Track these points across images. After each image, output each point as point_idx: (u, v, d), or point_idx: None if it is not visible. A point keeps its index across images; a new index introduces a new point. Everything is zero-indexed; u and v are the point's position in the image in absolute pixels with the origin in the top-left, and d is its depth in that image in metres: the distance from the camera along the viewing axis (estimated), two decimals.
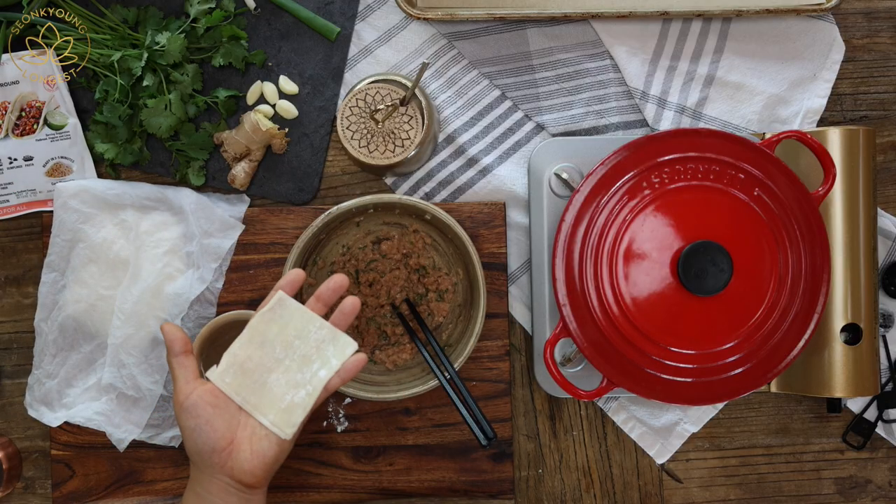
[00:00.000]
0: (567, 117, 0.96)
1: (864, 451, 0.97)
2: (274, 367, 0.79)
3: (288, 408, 0.78)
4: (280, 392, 0.79)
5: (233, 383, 0.79)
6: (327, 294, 0.81)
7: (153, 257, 0.91)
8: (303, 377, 0.79)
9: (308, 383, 0.79)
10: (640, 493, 0.97)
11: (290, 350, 0.80)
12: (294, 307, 0.80)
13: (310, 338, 0.80)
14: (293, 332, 0.80)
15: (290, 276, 0.81)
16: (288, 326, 0.80)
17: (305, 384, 0.79)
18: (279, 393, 0.79)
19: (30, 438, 0.96)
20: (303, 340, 0.80)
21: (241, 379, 0.79)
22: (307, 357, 0.79)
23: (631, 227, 0.85)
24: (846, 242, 0.90)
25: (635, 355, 0.84)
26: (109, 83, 0.92)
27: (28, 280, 0.97)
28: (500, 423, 0.94)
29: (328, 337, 0.80)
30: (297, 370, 0.79)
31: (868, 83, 0.99)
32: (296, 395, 0.79)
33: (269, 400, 0.79)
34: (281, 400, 0.79)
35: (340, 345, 0.80)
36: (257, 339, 0.80)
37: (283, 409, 0.78)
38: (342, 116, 0.91)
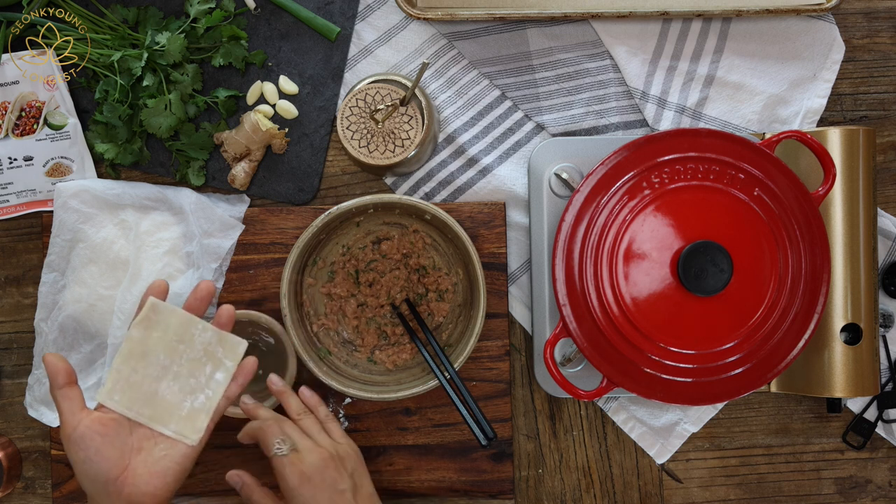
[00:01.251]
0: (567, 117, 0.96)
1: (864, 451, 0.97)
2: (161, 375, 0.77)
3: (189, 414, 0.76)
4: (175, 400, 0.77)
5: (122, 399, 0.76)
6: (195, 304, 0.80)
7: (153, 257, 0.91)
8: (197, 382, 0.77)
9: (206, 387, 0.77)
10: (640, 493, 0.97)
11: (176, 355, 0.77)
12: (170, 311, 0.77)
13: (194, 341, 0.78)
14: (175, 337, 0.77)
15: (154, 285, 0.79)
16: (168, 331, 0.77)
17: (203, 388, 0.77)
18: (175, 401, 0.77)
19: (30, 438, 0.96)
20: (187, 344, 0.77)
21: (130, 393, 0.77)
22: (196, 360, 0.77)
23: (631, 227, 0.85)
24: (846, 242, 0.90)
25: (635, 355, 0.84)
26: (109, 83, 0.93)
27: (28, 280, 0.97)
28: (500, 423, 0.94)
29: (214, 338, 0.79)
30: (189, 375, 0.77)
31: (868, 83, 0.99)
32: (195, 401, 0.77)
33: (165, 409, 0.76)
34: (179, 407, 0.77)
35: (230, 345, 0.79)
36: (138, 350, 0.77)
37: (185, 416, 0.76)
38: (342, 116, 0.91)
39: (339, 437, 0.84)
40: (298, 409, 0.84)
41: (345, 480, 0.79)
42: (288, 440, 0.79)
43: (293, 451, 0.79)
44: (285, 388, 0.86)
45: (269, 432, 0.80)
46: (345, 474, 0.79)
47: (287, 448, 0.79)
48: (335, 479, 0.78)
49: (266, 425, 0.80)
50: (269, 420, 0.81)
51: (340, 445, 0.82)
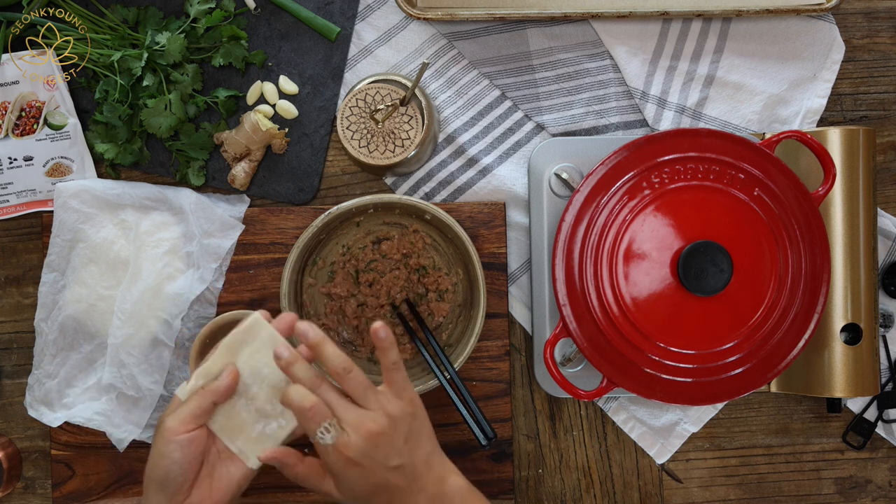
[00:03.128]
0: (567, 117, 0.96)
1: (864, 451, 0.97)
2: (241, 391, 0.76)
3: (259, 438, 0.76)
4: (248, 419, 0.76)
5: None
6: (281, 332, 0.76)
7: (153, 257, 0.91)
8: (273, 409, 0.76)
9: (280, 416, 0.76)
10: (640, 493, 0.97)
11: (258, 378, 0.76)
12: (267, 334, 0.76)
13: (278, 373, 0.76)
14: (263, 360, 0.76)
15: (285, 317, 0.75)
16: (259, 352, 0.76)
17: (277, 416, 0.76)
18: (248, 420, 0.76)
19: (30, 438, 0.96)
20: (272, 370, 0.76)
21: None
22: (276, 388, 0.76)
23: (631, 227, 0.85)
24: (846, 242, 0.90)
25: (635, 355, 0.84)
26: (109, 83, 0.93)
27: (28, 280, 0.97)
28: (500, 423, 0.94)
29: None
30: (266, 401, 0.76)
31: (868, 83, 0.99)
32: (267, 426, 0.76)
33: (236, 425, 0.76)
34: (251, 428, 0.76)
35: None
36: (226, 361, 0.76)
37: (254, 438, 0.76)
38: (342, 116, 0.91)
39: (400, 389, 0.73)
40: (339, 364, 0.72)
41: (397, 453, 0.71)
42: (333, 425, 0.71)
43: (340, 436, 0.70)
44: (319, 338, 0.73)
45: (312, 417, 0.71)
46: (397, 444, 0.71)
47: (331, 436, 0.70)
48: (386, 455, 0.71)
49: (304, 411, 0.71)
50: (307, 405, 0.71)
51: (392, 404, 0.72)
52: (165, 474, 0.73)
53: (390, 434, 0.71)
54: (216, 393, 0.74)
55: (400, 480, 0.72)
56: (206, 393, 0.74)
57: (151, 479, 0.74)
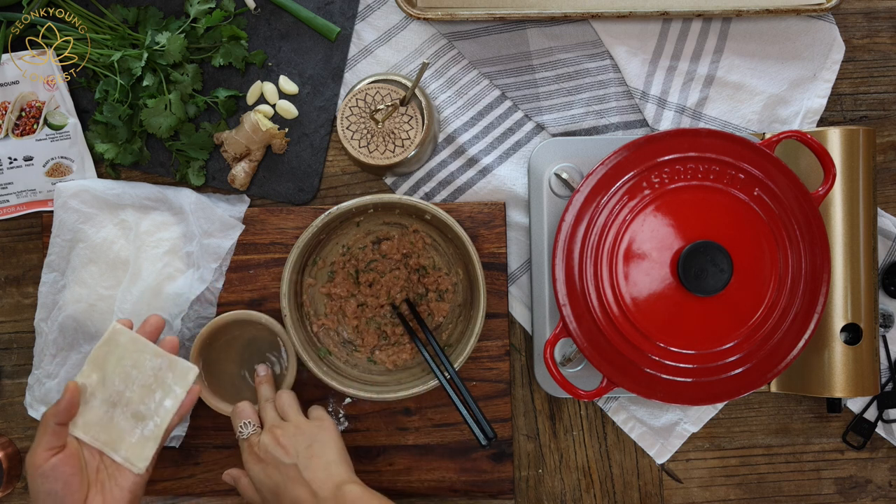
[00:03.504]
0: (567, 117, 0.96)
1: (864, 451, 0.97)
2: (117, 400, 0.78)
3: (139, 441, 0.77)
4: (127, 426, 0.78)
5: (81, 424, 0.78)
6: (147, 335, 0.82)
7: (153, 257, 0.91)
8: (146, 408, 0.78)
9: (154, 414, 0.78)
10: (640, 493, 0.97)
11: (129, 381, 0.78)
12: (127, 337, 0.79)
13: (145, 366, 0.79)
14: (129, 363, 0.78)
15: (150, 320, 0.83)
16: (124, 358, 0.78)
17: (152, 416, 0.77)
18: (127, 427, 0.77)
19: (30, 438, 0.96)
20: (139, 370, 0.78)
21: (88, 417, 0.78)
22: (147, 387, 0.78)
23: (631, 227, 0.85)
24: (846, 242, 0.90)
25: (635, 355, 0.84)
26: (109, 83, 0.93)
27: (28, 280, 0.97)
28: (500, 423, 0.94)
29: (165, 364, 0.80)
30: (139, 402, 0.78)
31: (868, 83, 0.99)
32: (144, 428, 0.77)
33: (117, 435, 0.77)
34: (130, 434, 0.77)
35: (180, 371, 0.80)
36: (97, 374, 0.78)
37: (134, 443, 0.77)
38: (342, 116, 0.91)
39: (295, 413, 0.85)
40: (267, 395, 0.88)
41: (294, 455, 0.80)
42: (252, 423, 0.83)
43: (253, 434, 0.83)
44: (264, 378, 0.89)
45: (237, 415, 0.84)
46: (297, 448, 0.80)
47: (248, 431, 0.83)
48: (282, 454, 0.80)
49: (237, 408, 0.85)
50: (241, 403, 0.86)
51: (304, 421, 0.84)
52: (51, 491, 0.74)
53: (291, 438, 0.81)
54: (58, 414, 0.77)
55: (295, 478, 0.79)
56: (48, 418, 0.77)
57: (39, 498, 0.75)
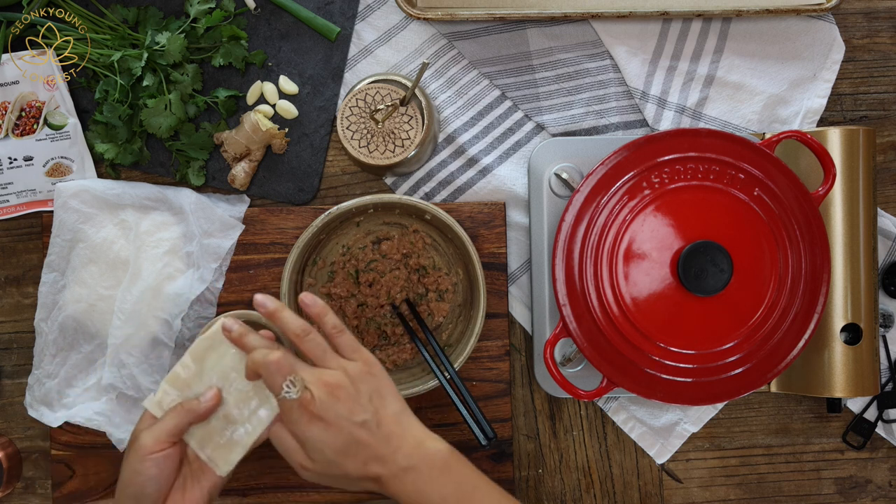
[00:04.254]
0: (567, 117, 0.96)
1: (864, 451, 0.97)
2: None
3: (227, 444, 0.76)
4: (217, 426, 0.76)
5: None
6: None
7: (153, 257, 0.91)
8: (240, 413, 0.76)
9: (247, 421, 0.76)
10: (640, 493, 0.97)
11: (227, 382, 0.76)
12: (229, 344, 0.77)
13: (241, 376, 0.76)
14: (230, 364, 0.76)
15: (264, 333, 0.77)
16: (225, 357, 0.77)
17: (244, 421, 0.76)
18: (217, 427, 0.76)
19: (30, 438, 0.96)
20: (239, 374, 0.76)
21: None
22: (244, 393, 0.76)
23: (631, 227, 0.85)
24: (846, 242, 0.90)
25: (635, 355, 0.84)
26: (109, 83, 0.93)
27: (28, 280, 0.97)
28: (500, 423, 0.94)
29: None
30: (234, 405, 0.76)
31: (868, 83, 0.99)
32: (234, 432, 0.76)
33: (206, 433, 0.76)
34: (220, 435, 0.76)
35: None
36: (196, 367, 0.77)
37: (222, 444, 0.76)
38: (342, 116, 0.91)
39: (351, 351, 0.73)
40: (297, 327, 0.73)
41: (362, 409, 0.70)
42: (298, 380, 0.70)
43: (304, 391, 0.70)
44: (278, 305, 0.74)
45: (276, 370, 0.71)
46: (361, 400, 0.70)
47: (297, 390, 0.70)
48: (351, 410, 0.69)
49: (271, 362, 0.71)
50: (273, 357, 0.71)
51: (352, 364, 0.72)
52: (140, 490, 0.73)
53: (351, 389, 0.70)
54: (195, 414, 0.75)
55: (369, 437, 0.70)
56: (184, 413, 0.75)
57: (125, 494, 0.74)
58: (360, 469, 0.70)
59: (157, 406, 0.76)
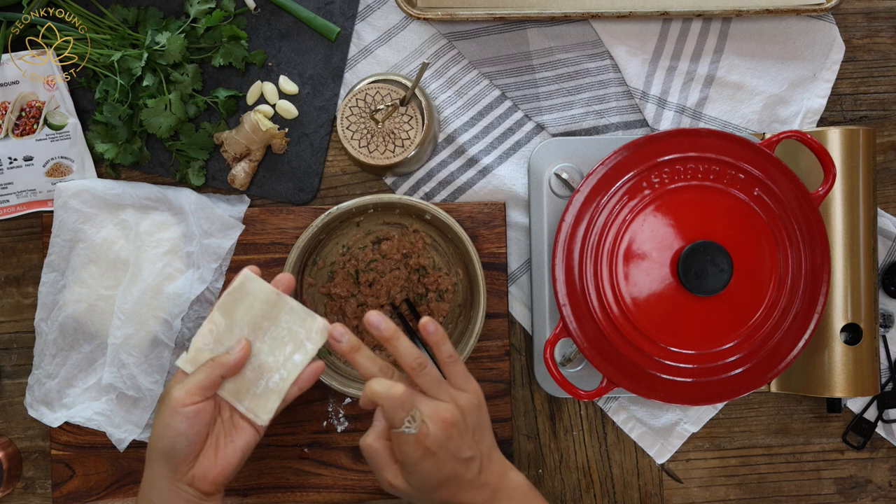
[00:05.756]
0: (567, 117, 0.96)
1: (864, 451, 0.97)
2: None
3: (264, 393, 0.75)
4: (252, 377, 0.76)
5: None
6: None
7: (153, 257, 0.91)
8: (275, 360, 0.75)
9: (282, 367, 0.75)
10: (640, 493, 0.97)
11: (259, 332, 0.76)
12: (260, 286, 0.76)
13: (280, 319, 0.76)
14: (260, 313, 0.76)
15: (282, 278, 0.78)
16: (254, 307, 0.76)
17: (279, 368, 0.75)
18: (251, 377, 0.76)
19: (30, 438, 0.96)
20: (272, 321, 0.76)
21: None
22: (278, 339, 0.76)
23: (631, 227, 0.85)
24: (846, 242, 0.90)
25: (635, 355, 0.84)
26: (109, 83, 0.93)
27: (28, 280, 0.97)
28: (500, 423, 0.94)
29: (299, 318, 0.77)
30: (269, 353, 0.76)
31: (868, 83, 0.99)
32: (270, 380, 0.75)
33: (242, 385, 0.75)
34: (255, 385, 0.75)
35: (314, 327, 0.76)
36: (225, 321, 0.76)
37: (259, 394, 0.75)
38: (342, 116, 0.91)
39: (464, 381, 0.74)
40: (414, 359, 0.73)
41: (468, 446, 0.71)
42: (417, 414, 0.70)
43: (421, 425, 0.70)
44: (393, 331, 0.74)
45: (399, 406, 0.71)
46: (467, 436, 0.71)
47: (416, 426, 0.70)
48: (459, 447, 0.71)
49: (395, 397, 0.71)
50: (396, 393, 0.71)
51: (464, 397, 0.73)
52: (171, 445, 0.73)
53: (462, 426, 0.72)
54: (226, 366, 0.74)
55: (469, 473, 0.72)
56: (215, 366, 0.74)
57: (156, 449, 0.74)
58: (448, 498, 0.72)
59: (190, 364, 0.76)
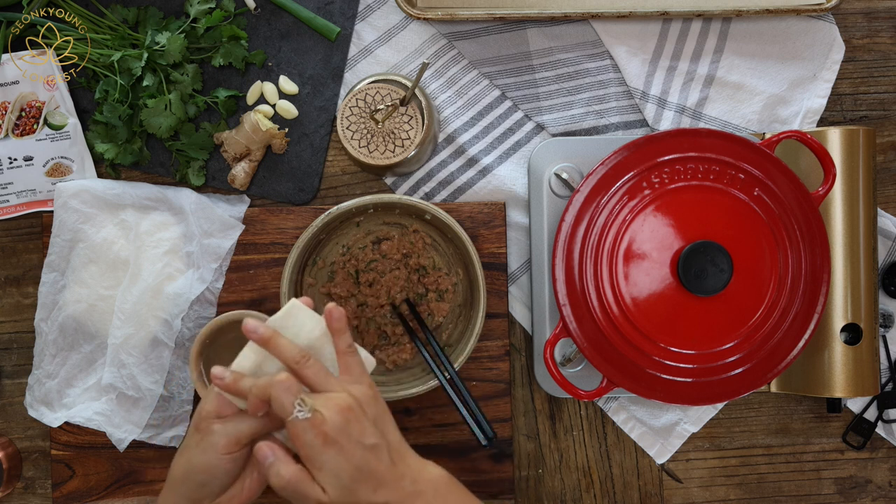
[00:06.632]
0: (567, 117, 0.96)
1: (864, 451, 0.97)
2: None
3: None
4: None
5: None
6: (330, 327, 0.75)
7: (153, 257, 0.91)
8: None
9: None
10: (640, 493, 0.97)
11: None
12: (307, 316, 0.74)
13: (324, 351, 0.74)
14: (305, 343, 0.74)
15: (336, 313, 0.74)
16: (299, 337, 0.74)
17: None
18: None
19: (30, 438, 0.96)
20: (316, 352, 0.74)
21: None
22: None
23: (631, 227, 0.85)
24: (846, 242, 0.90)
25: (635, 355, 0.84)
26: (109, 83, 0.93)
27: (28, 280, 0.97)
28: (500, 423, 0.94)
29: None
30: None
31: (868, 83, 0.99)
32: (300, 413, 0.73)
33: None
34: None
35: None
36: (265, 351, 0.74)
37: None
38: (342, 116, 0.91)
39: (359, 373, 0.72)
40: (296, 354, 0.71)
41: (371, 432, 0.69)
42: (308, 399, 0.68)
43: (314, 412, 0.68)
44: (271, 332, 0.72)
45: (285, 389, 0.68)
46: (367, 423, 0.69)
47: (308, 409, 0.68)
48: (361, 432, 0.69)
49: (278, 383, 0.69)
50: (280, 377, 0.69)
51: (357, 387, 0.71)
52: (210, 479, 0.71)
53: (358, 411, 0.69)
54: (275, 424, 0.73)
55: (378, 463, 0.69)
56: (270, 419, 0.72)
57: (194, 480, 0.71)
58: (370, 496, 0.69)
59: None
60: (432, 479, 0.71)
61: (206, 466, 0.71)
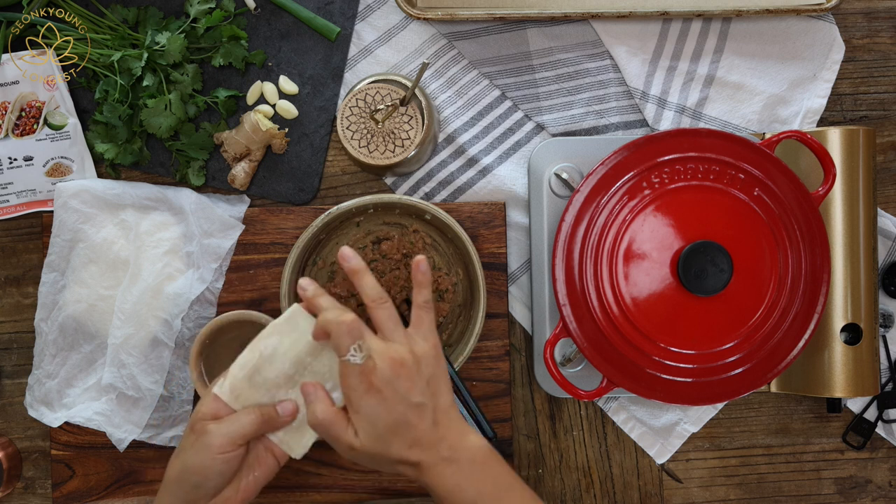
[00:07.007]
0: (567, 117, 0.97)
1: (864, 451, 0.97)
2: (283, 383, 0.76)
3: (299, 427, 0.75)
4: None
5: (240, 398, 0.75)
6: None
7: (153, 257, 0.91)
8: None
9: None
10: (640, 493, 0.97)
11: (300, 367, 0.75)
12: (309, 323, 0.75)
13: (322, 355, 0.75)
14: (305, 349, 0.75)
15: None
16: (300, 342, 0.75)
17: None
18: None
19: (30, 438, 0.96)
20: (315, 358, 0.75)
21: (249, 392, 0.76)
22: (318, 375, 0.75)
23: (631, 227, 0.85)
24: (846, 242, 0.90)
25: (635, 355, 0.84)
26: (109, 83, 0.93)
27: (28, 280, 0.97)
28: (500, 423, 0.94)
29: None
30: None
31: (868, 83, 0.99)
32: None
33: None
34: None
35: None
36: (267, 352, 0.76)
37: (295, 428, 0.75)
38: (342, 116, 0.91)
39: (427, 331, 0.73)
40: (377, 294, 0.73)
41: (420, 391, 0.69)
42: (365, 346, 0.70)
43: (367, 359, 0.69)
44: (362, 266, 0.74)
45: (346, 332, 0.70)
46: (420, 383, 0.70)
47: (362, 356, 0.69)
48: (409, 389, 0.69)
49: (342, 324, 0.70)
50: (347, 319, 0.71)
51: (420, 345, 0.72)
52: (204, 481, 0.72)
53: (413, 369, 0.70)
54: (272, 426, 0.74)
55: (419, 421, 0.70)
56: (262, 422, 0.73)
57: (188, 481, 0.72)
58: (402, 451, 0.70)
59: (228, 393, 0.75)
60: (471, 448, 0.71)
61: (200, 467, 0.72)
